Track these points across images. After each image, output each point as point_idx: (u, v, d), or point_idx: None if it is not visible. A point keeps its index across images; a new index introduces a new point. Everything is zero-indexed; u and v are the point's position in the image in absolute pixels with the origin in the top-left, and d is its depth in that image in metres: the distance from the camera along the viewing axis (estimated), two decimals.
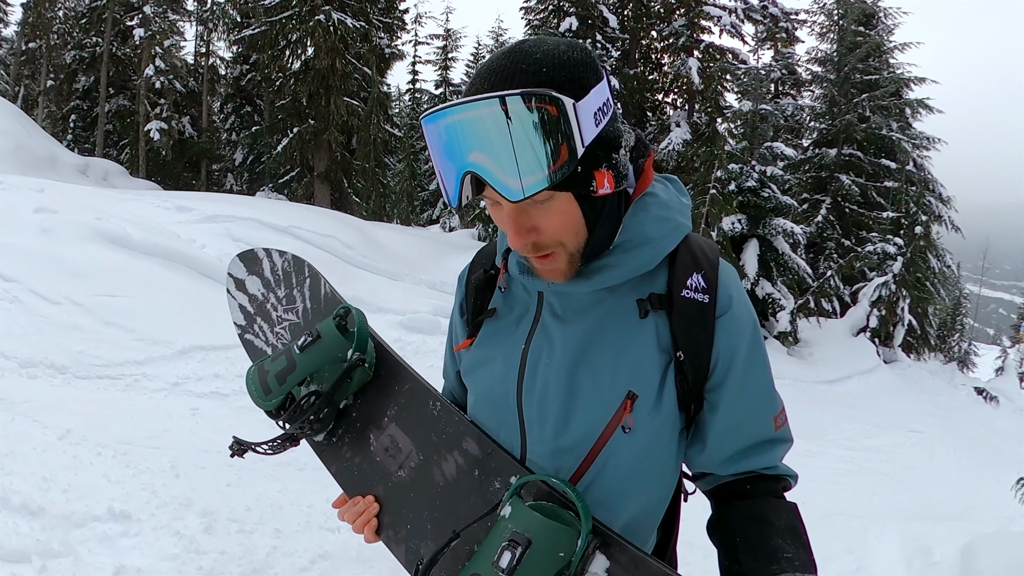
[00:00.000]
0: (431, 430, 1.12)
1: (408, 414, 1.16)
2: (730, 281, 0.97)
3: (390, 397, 1.19)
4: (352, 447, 1.21)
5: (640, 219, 0.93)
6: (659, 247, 0.94)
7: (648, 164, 0.97)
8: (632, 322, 0.94)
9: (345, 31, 13.89)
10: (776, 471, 1.02)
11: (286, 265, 1.51)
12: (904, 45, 14.53)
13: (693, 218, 1.35)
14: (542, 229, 0.86)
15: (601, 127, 0.83)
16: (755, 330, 0.99)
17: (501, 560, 0.85)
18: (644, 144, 0.98)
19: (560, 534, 0.86)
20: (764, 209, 10.07)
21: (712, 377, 0.96)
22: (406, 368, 1.20)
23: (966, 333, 25.27)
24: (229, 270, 1.57)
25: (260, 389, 1.20)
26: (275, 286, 1.51)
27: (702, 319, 0.93)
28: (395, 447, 1.15)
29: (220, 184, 19.05)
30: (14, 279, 4.84)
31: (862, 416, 7.73)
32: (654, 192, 0.97)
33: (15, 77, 21.01)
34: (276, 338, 1.46)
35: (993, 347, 28.03)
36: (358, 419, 1.22)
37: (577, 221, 0.87)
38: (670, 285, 0.95)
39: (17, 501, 2.68)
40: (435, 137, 0.82)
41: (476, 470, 1.04)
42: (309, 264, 1.48)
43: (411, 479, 1.11)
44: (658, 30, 13.94)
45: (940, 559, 4.04)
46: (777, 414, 1.01)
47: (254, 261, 1.55)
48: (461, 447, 1.07)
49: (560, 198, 0.84)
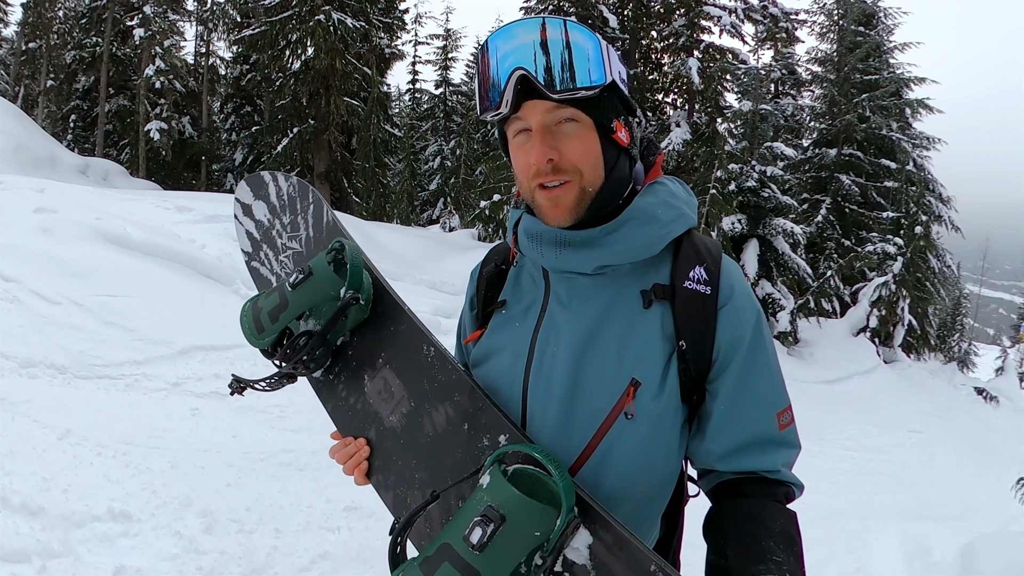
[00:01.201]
0: (423, 377, 1.09)
1: (402, 357, 1.13)
2: (732, 274, 1.00)
3: (384, 338, 1.16)
4: (347, 386, 1.18)
5: (649, 201, 0.99)
6: (665, 229, 0.98)
7: (658, 161, 1.05)
8: (636, 311, 0.97)
9: (345, 31, 13.88)
10: (779, 476, 1.00)
11: (291, 190, 1.48)
12: (904, 45, 14.55)
13: None
14: (563, 153, 0.94)
15: (623, 86, 0.96)
16: (759, 322, 0.99)
17: (472, 535, 0.83)
18: (655, 145, 1.06)
19: (537, 512, 0.84)
20: (764, 209, 10.08)
21: (714, 367, 0.97)
22: (403, 308, 1.17)
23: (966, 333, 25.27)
24: (236, 195, 1.54)
25: (253, 327, 1.16)
26: (280, 212, 1.48)
27: (703, 310, 0.96)
28: (388, 391, 1.13)
29: (220, 184, 19.04)
30: (14, 279, 4.84)
31: (862, 416, 7.73)
32: (663, 183, 1.03)
33: (15, 77, 21.01)
34: (280, 267, 1.43)
35: (993, 347, 28.02)
36: (354, 357, 1.19)
37: (596, 153, 0.95)
38: (673, 276, 0.98)
39: (17, 501, 2.68)
40: (495, 47, 0.94)
41: (466, 424, 1.03)
42: (313, 190, 1.45)
43: (401, 426, 1.10)
44: (658, 30, 13.93)
45: (940, 559, 4.04)
46: (781, 411, 1.00)
47: (261, 185, 1.52)
48: (453, 399, 1.05)
49: (584, 125, 0.94)
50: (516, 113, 0.95)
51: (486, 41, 0.96)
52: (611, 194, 0.98)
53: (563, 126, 0.94)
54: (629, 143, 0.99)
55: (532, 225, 1.02)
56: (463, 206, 17.07)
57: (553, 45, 0.91)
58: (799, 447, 1.03)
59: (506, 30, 0.94)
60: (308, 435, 4.07)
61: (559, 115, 0.93)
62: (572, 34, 0.91)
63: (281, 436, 4.03)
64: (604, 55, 0.92)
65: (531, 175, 0.96)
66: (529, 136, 0.95)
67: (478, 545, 0.82)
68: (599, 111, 0.94)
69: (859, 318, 11.31)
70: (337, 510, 3.28)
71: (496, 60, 0.94)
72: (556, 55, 0.91)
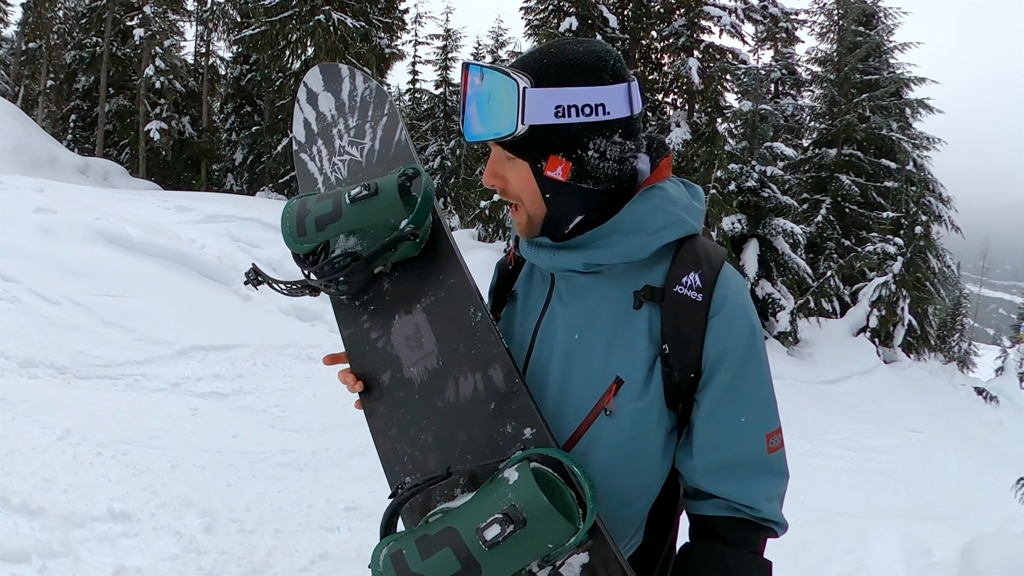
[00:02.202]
0: (461, 339, 1.03)
1: (443, 311, 1.06)
2: (728, 284, 0.98)
3: (430, 284, 1.09)
4: (373, 319, 1.11)
5: (639, 208, 0.97)
6: (652, 237, 0.96)
7: (664, 163, 1.03)
8: (627, 311, 0.97)
9: (345, 31, 13.88)
10: (762, 515, 0.97)
11: (367, 94, 1.36)
12: (904, 45, 14.53)
13: None
14: (507, 181, 1.00)
15: (565, 120, 0.93)
16: (753, 336, 0.97)
17: (487, 531, 0.80)
18: (663, 146, 1.05)
19: (559, 526, 0.82)
20: (764, 209, 10.08)
21: (702, 377, 0.96)
22: (459, 261, 1.09)
23: (966, 333, 25.28)
24: (306, 79, 1.42)
25: (295, 228, 1.08)
26: (348, 112, 1.36)
27: (692, 317, 0.95)
28: (417, 339, 1.06)
29: (220, 184, 19.04)
30: (14, 279, 4.84)
31: (862, 416, 7.73)
32: (662, 187, 1.00)
33: (15, 77, 21.00)
34: (332, 169, 1.33)
35: (993, 347, 28.00)
36: (389, 292, 1.11)
37: (532, 189, 0.99)
38: (666, 280, 0.97)
39: (17, 501, 2.68)
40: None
41: (493, 403, 0.97)
42: (392, 102, 1.33)
43: (420, 381, 1.04)
44: (658, 30, 13.93)
45: (940, 559, 4.03)
46: (771, 433, 0.98)
47: (335, 77, 1.40)
48: (486, 371, 0.99)
49: (518, 163, 0.98)
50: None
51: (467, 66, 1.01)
52: (561, 220, 1.01)
53: (506, 158, 0.99)
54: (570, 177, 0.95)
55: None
56: (463, 206, 17.07)
57: (471, 95, 0.97)
58: (787, 476, 1.00)
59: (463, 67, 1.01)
60: (308, 435, 4.08)
61: (500, 151, 0.99)
62: (489, 83, 0.95)
63: (281, 436, 4.03)
64: (519, 103, 0.92)
65: (484, 181, 1.04)
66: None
67: (491, 542, 0.79)
68: (526, 151, 0.96)
69: (859, 318, 11.32)
70: (337, 510, 3.28)
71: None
72: (472, 104, 0.97)
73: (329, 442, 3.98)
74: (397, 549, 0.86)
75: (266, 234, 7.61)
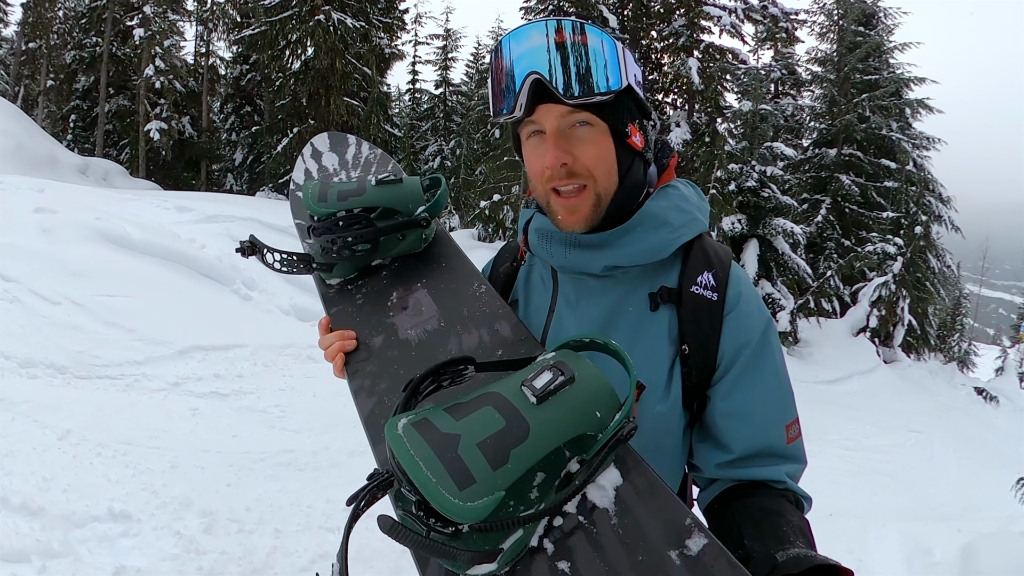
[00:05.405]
0: (464, 304, 1.05)
1: (445, 287, 1.09)
2: (740, 281, 0.99)
3: (432, 269, 1.13)
4: (367, 297, 1.14)
5: (661, 204, 0.98)
6: (676, 233, 0.97)
7: (672, 163, 1.04)
8: (643, 314, 0.97)
9: (345, 31, 13.88)
10: (786, 486, 0.94)
11: (371, 157, 1.48)
12: (904, 45, 14.52)
13: None
14: (577, 157, 0.93)
15: (639, 88, 0.94)
16: (767, 331, 0.98)
17: (538, 379, 0.72)
18: (668, 147, 1.06)
19: (605, 390, 0.75)
20: (764, 209, 10.07)
21: (717, 372, 0.96)
22: (462, 253, 1.16)
23: (966, 333, 25.23)
24: (313, 140, 1.54)
25: (316, 194, 1.15)
26: (351, 167, 1.46)
27: (710, 316, 0.95)
28: (417, 309, 1.08)
29: (220, 184, 19.04)
30: (14, 279, 4.84)
31: (862, 416, 7.73)
32: (676, 186, 1.02)
33: (15, 77, 20.99)
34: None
35: (993, 347, 27.99)
36: (386, 278, 1.16)
37: (610, 158, 0.94)
38: (681, 280, 0.97)
39: (17, 501, 2.68)
40: (509, 49, 0.93)
41: (500, 350, 0.96)
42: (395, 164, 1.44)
43: (418, 340, 1.04)
44: (658, 30, 13.93)
45: (940, 559, 4.03)
46: (790, 423, 0.97)
47: (341, 142, 1.53)
48: (492, 327, 0.99)
49: (598, 130, 0.93)
50: (530, 116, 0.94)
51: (500, 43, 0.94)
52: (625, 199, 0.98)
53: (577, 130, 0.93)
54: (643, 147, 0.97)
55: (543, 224, 1.02)
56: (463, 206, 17.06)
57: (568, 48, 0.89)
58: (806, 463, 0.99)
59: (521, 32, 0.92)
60: (308, 435, 4.07)
61: (573, 119, 0.92)
62: (589, 37, 0.89)
63: (281, 436, 4.03)
64: (620, 59, 0.90)
65: (545, 179, 0.95)
66: (543, 139, 0.94)
67: (541, 392, 0.71)
68: (614, 116, 0.92)
69: (859, 318, 11.30)
70: (337, 510, 3.28)
71: (510, 63, 0.93)
72: (571, 59, 0.89)
73: (329, 442, 3.98)
74: (422, 418, 0.73)
75: (266, 234, 7.58)
